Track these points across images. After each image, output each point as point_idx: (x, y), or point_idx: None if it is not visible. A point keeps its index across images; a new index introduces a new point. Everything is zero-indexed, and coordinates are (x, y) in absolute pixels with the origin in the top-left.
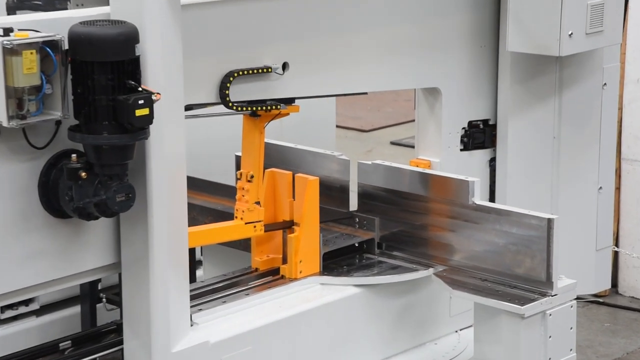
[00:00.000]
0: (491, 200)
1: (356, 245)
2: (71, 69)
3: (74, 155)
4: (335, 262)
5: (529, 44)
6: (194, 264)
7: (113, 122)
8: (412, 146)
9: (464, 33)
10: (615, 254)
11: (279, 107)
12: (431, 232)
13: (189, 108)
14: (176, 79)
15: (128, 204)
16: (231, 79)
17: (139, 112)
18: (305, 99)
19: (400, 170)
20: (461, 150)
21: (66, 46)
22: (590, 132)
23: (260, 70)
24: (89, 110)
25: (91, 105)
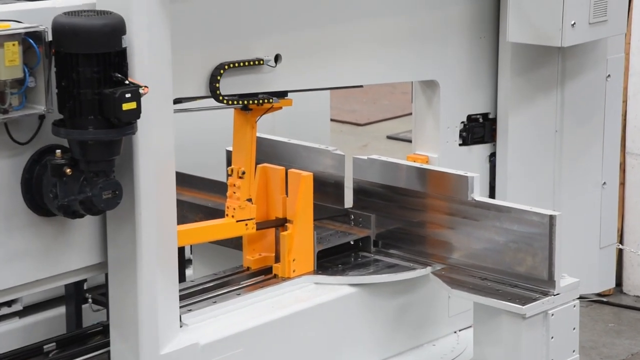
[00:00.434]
0: (491, 196)
1: (351, 243)
2: (55, 61)
3: (58, 151)
4: (330, 261)
5: (530, 34)
6: (183, 263)
7: (99, 116)
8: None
9: (462, 23)
10: (620, 252)
11: (271, 100)
12: (429, 229)
13: (178, 102)
14: (164, 72)
15: (115, 201)
16: (222, 71)
17: (125, 106)
18: (299, 92)
19: (397, 165)
20: (460, 145)
21: (50, 37)
22: (593, 126)
23: (251, 63)
24: (73, 104)
25: (76, 99)
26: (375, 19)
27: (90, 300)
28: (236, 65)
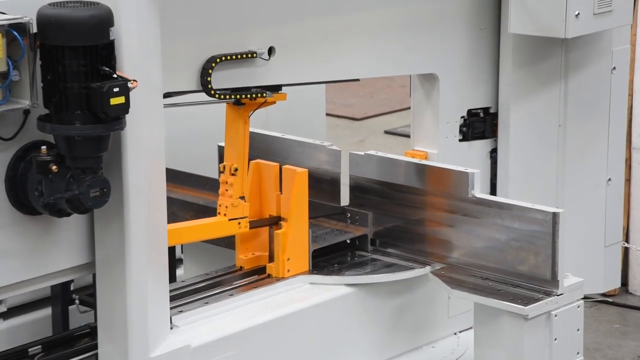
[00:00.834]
0: (492, 193)
1: (348, 241)
2: (40, 54)
3: (43, 147)
4: (326, 260)
5: (533, 25)
6: (173, 263)
7: (86, 111)
8: (407, 135)
9: (462, 14)
10: (625, 250)
11: (264, 94)
12: (428, 227)
13: (168, 96)
14: (154, 65)
15: (102, 199)
16: (213, 64)
17: (114, 101)
18: (293, 86)
19: (394, 161)
20: (460, 140)
21: (35, 29)
22: (598, 120)
23: (244, 56)
24: (59, 98)
25: (62, 93)
26: (372, 10)
27: (77, 301)
28: (228, 58)
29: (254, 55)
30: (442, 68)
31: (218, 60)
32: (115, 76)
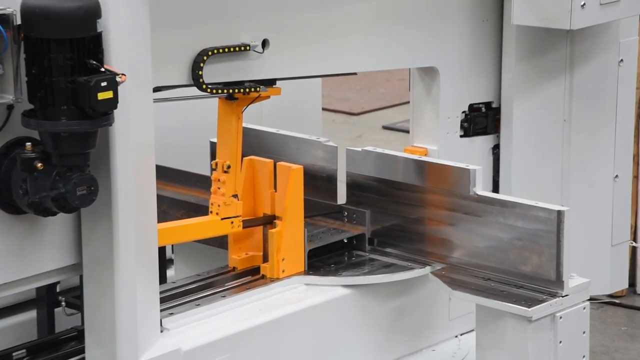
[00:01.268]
0: (494, 191)
1: (345, 241)
2: (24, 46)
3: (28, 144)
4: (322, 260)
5: (537, 16)
6: (164, 263)
7: (72, 106)
8: (406, 131)
9: (463, 5)
10: (633, 250)
11: (258, 89)
12: (428, 226)
13: (158, 90)
14: (143, 58)
15: (90, 198)
16: (205, 58)
17: (101, 96)
18: (288, 80)
19: (393, 157)
20: (461, 136)
21: (19, 21)
22: (604, 115)
23: (237, 49)
24: (45, 93)
25: (48, 87)
26: (370, 1)
27: (63, 303)
28: (221, 51)
29: (248, 48)
30: (442, 61)
31: (210, 53)
32: (102, 70)
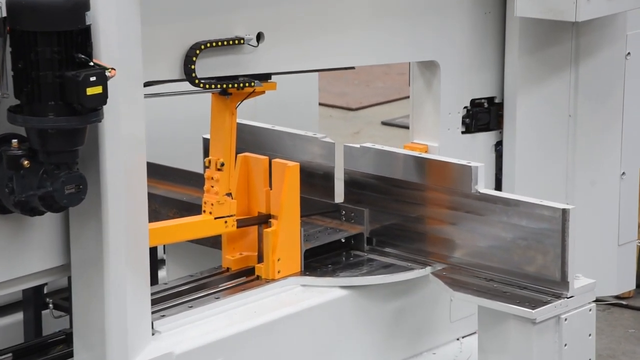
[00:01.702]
0: (497, 189)
1: (342, 240)
2: (11, 40)
3: (14, 141)
4: (319, 261)
5: (541, 8)
6: (155, 264)
7: (60, 102)
8: (406, 127)
9: None
10: None
11: (253, 84)
12: (428, 225)
13: (149, 85)
14: (134, 52)
15: (78, 196)
16: (198, 51)
17: (90, 91)
18: (283, 74)
19: (393, 154)
20: (463, 132)
21: (4, 14)
22: (611, 110)
23: (231, 42)
24: (32, 88)
25: (34, 82)
26: None
27: (51, 305)
28: (214, 44)
29: (242, 41)
30: (443, 55)
31: (203, 47)
32: (91, 64)
